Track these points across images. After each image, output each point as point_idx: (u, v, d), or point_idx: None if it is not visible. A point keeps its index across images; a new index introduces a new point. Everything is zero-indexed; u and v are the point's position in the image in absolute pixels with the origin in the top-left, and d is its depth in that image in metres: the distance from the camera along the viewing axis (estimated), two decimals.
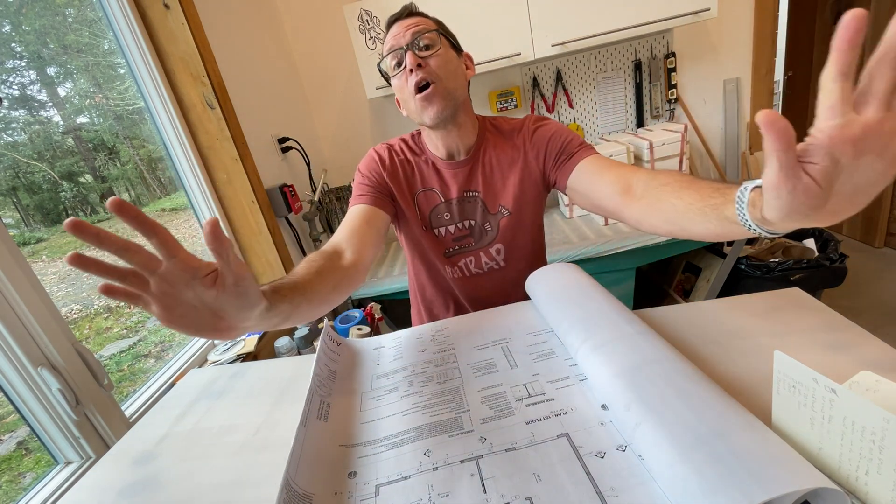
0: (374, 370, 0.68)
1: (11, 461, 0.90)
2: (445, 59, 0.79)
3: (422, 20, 0.80)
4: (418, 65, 0.76)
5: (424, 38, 0.78)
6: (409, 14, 0.81)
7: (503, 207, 0.88)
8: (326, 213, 2.20)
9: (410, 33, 0.78)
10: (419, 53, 0.78)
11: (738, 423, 0.39)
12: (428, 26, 0.80)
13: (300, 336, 1.44)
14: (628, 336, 0.54)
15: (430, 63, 0.78)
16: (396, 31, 0.79)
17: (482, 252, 0.91)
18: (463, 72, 0.84)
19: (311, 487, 0.45)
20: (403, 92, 0.80)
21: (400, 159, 0.90)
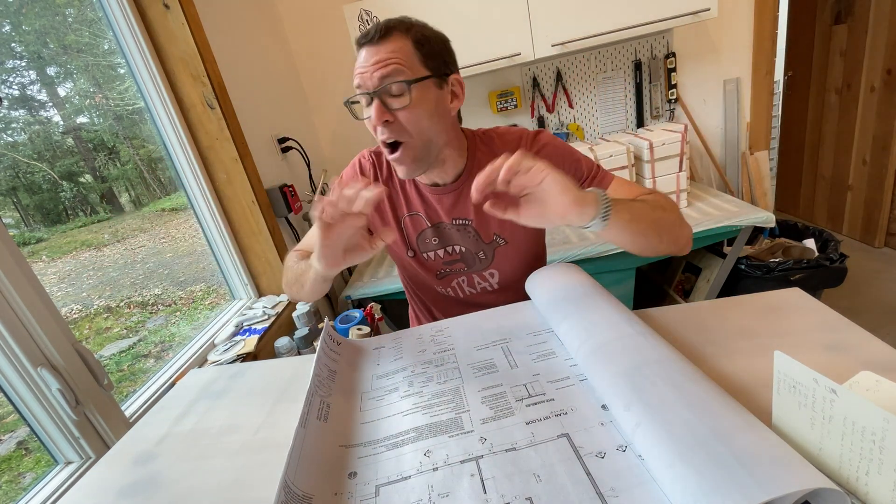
0: (374, 370, 0.68)
1: (11, 461, 0.90)
2: (418, 115, 0.68)
3: (395, 50, 0.66)
4: (386, 121, 0.67)
5: (395, 85, 0.66)
6: (382, 37, 0.67)
7: (498, 237, 0.82)
8: None
9: (378, 77, 0.66)
10: (388, 102, 0.67)
11: (739, 424, 0.39)
12: (400, 64, 0.66)
13: (300, 336, 1.44)
14: (628, 336, 0.54)
15: (400, 118, 0.68)
16: (364, 62, 0.67)
17: (475, 275, 0.87)
18: (445, 111, 0.73)
19: (311, 488, 0.45)
20: (374, 134, 0.72)
21: (384, 174, 0.84)
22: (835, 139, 2.56)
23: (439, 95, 0.71)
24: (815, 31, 2.57)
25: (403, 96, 0.67)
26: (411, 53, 0.67)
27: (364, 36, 0.68)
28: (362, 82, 0.68)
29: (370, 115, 0.68)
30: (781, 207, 3.09)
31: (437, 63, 0.70)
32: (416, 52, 0.67)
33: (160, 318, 1.37)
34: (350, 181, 0.83)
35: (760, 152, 2.23)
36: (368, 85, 0.67)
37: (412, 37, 0.68)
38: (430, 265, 0.87)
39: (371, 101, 0.68)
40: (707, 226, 1.62)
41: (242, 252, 1.63)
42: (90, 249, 1.26)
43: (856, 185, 2.46)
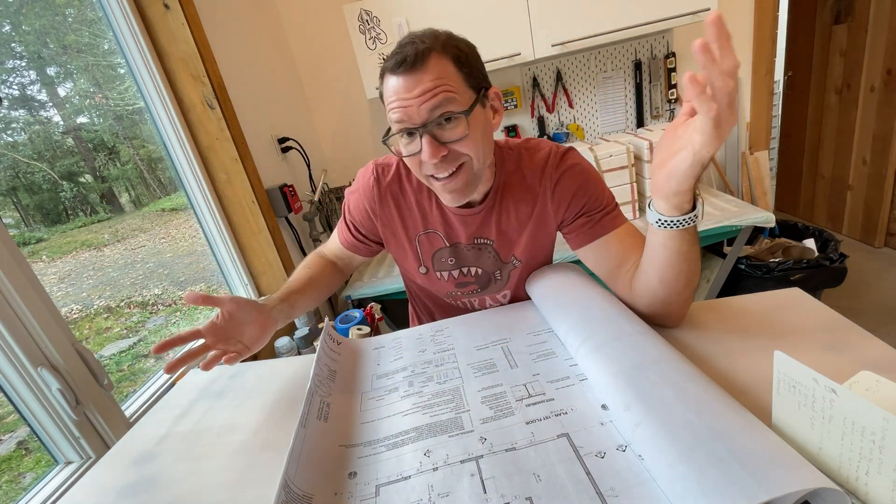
0: (375, 370, 0.68)
1: (11, 461, 0.90)
2: (474, 141, 0.61)
3: (439, 75, 0.58)
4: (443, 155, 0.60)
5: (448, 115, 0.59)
6: (421, 62, 0.57)
7: (515, 258, 0.79)
8: (326, 213, 2.20)
9: (427, 109, 0.58)
10: (440, 136, 0.60)
11: (738, 423, 0.39)
12: (449, 90, 0.58)
13: (300, 336, 1.44)
14: (628, 336, 0.54)
15: (456, 148, 0.61)
16: (405, 94, 0.58)
17: (488, 297, 0.84)
18: (491, 130, 0.67)
19: (311, 488, 0.45)
20: (416, 168, 0.66)
21: (395, 195, 0.77)
22: (835, 139, 2.56)
23: (485, 115, 0.65)
24: (815, 31, 2.56)
25: (458, 126, 0.60)
26: (455, 75, 0.59)
27: (398, 63, 0.58)
28: (406, 117, 0.59)
29: (416, 151, 0.61)
30: (781, 207, 3.09)
31: (478, 80, 0.63)
32: (458, 74, 0.60)
33: (160, 318, 1.37)
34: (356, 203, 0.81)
35: (760, 152, 2.23)
36: (415, 120, 0.59)
37: (451, 55, 0.59)
38: (441, 285, 0.84)
39: (415, 135, 0.61)
40: (707, 226, 1.62)
41: (242, 252, 1.63)
42: (90, 249, 1.26)
43: (856, 185, 2.46)
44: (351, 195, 0.82)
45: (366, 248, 0.86)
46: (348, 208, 0.83)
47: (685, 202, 0.52)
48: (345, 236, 0.85)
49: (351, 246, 0.86)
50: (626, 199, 1.76)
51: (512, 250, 0.79)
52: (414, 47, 0.58)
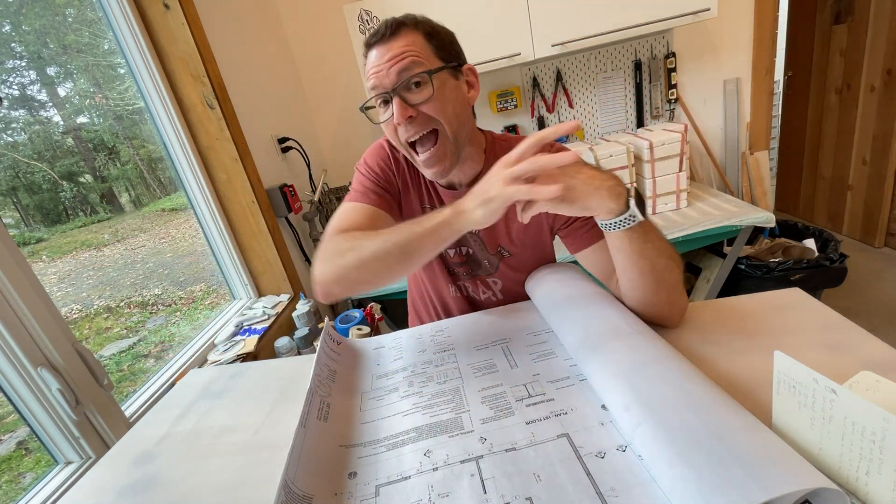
0: (375, 370, 0.68)
1: (11, 461, 0.90)
2: (442, 104, 0.65)
3: (408, 44, 0.64)
4: (409, 117, 0.64)
5: (415, 77, 0.64)
6: (392, 33, 0.65)
7: (503, 248, 0.80)
8: (326, 213, 2.20)
9: (395, 72, 0.63)
10: (409, 99, 0.64)
11: (738, 424, 0.39)
12: (416, 56, 0.64)
13: (300, 336, 1.44)
14: (627, 336, 0.54)
15: (425, 109, 0.65)
16: (377, 61, 0.65)
17: (479, 280, 0.85)
18: (465, 101, 0.70)
19: (311, 488, 0.45)
20: (394, 138, 0.69)
21: (407, 165, 0.79)
22: (835, 139, 2.56)
23: (457, 85, 0.69)
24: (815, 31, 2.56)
25: (424, 88, 0.64)
26: (424, 45, 0.65)
27: (373, 35, 0.66)
28: (378, 82, 0.65)
29: (390, 116, 0.65)
30: (781, 207, 3.09)
31: (449, 54, 0.68)
32: (428, 45, 0.66)
33: (160, 318, 1.37)
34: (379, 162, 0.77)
35: (760, 152, 2.23)
36: (385, 83, 0.64)
37: (422, 30, 0.66)
38: (445, 258, 0.84)
39: (388, 102, 0.66)
40: (707, 226, 1.62)
41: (242, 252, 1.63)
42: (90, 249, 1.26)
43: (856, 185, 2.46)
44: (368, 156, 0.80)
45: (395, 208, 0.78)
46: (368, 165, 0.78)
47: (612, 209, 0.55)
48: (373, 198, 0.75)
49: (383, 203, 0.75)
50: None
51: (498, 240, 0.80)
52: (387, 22, 0.66)
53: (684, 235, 1.62)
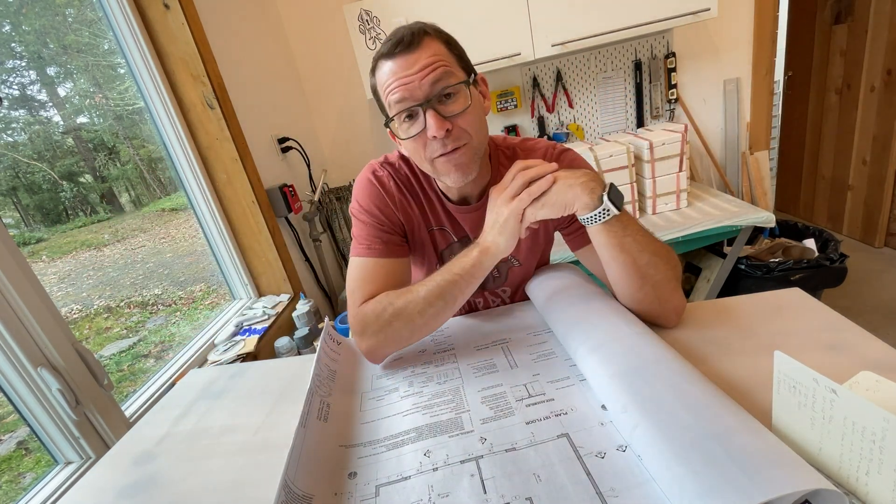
0: (375, 370, 0.68)
1: (11, 461, 0.90)
2: (476, 115, 0.63)
3: (436, 52, 0.60)
4: (447, 130, 0.60)
5: (449, 88, 0.60)
6: (417, 42, 0.60)
7: (512, 258, 0.79)
8: (326, 213, 2.20)
9: (429, 82, 0.59)
10: (444, 111, 0.61)
11: (736, 424, 0.39)
12: (447, 65, 0.60)
13: (300, 336, 1.44)
14: (626, 337, 0.54)
15: (459, 123, 0.62)
16: (404, 72, 0.59)
17: (489, 293, 0.83)
18: (483, 109, 0.68)
19: (311, 488, 0.45)
20: (419, 153, 0.65)
21: (408, 187, 0.75)
22: (835, 139, 2.56)
23: (478, 96, 0.67)
24: (815, 31, 2.56)
25: (459, 99, 0.61)
26: (448, 55, 0.62)
27: (394, 45, 0.60)
28: (408, 94, 0.60)
29: (419, 131, 0.61)
30: (781, 207, 3.09)
31: (467, 64, 0.66)
32: (451, 54, 0.62)
33: (160, 318, 1.37)
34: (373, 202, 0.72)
35: (760, 152, 2.23)
36: (418, 95, 0.60)
37: (442, 39, 0.63)
38: None
39: (413, 116, 0.62)
40: (707, 226, 1.62)
41: (242, 252, 1.63)
42: (90, 249, 1.26)
43: (856, 185, 2.46)
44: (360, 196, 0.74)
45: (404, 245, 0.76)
46: (363, 208, 0.73)
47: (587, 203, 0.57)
48: (380, 248, 0.72)
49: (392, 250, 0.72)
50: (627, 199, 1.76)
51: None
52: (408, 30, 0.60)
53: (684, 235, 1.62)
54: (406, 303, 0.64)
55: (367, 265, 0.71)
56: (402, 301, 0.64)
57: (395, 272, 0.72)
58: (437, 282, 0.64)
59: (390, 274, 0.71)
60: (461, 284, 0.64)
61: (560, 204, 0.58)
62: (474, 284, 0.65)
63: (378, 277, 0.70)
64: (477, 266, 0.63)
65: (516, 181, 0.59)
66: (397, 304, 0.64)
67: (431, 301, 0.63)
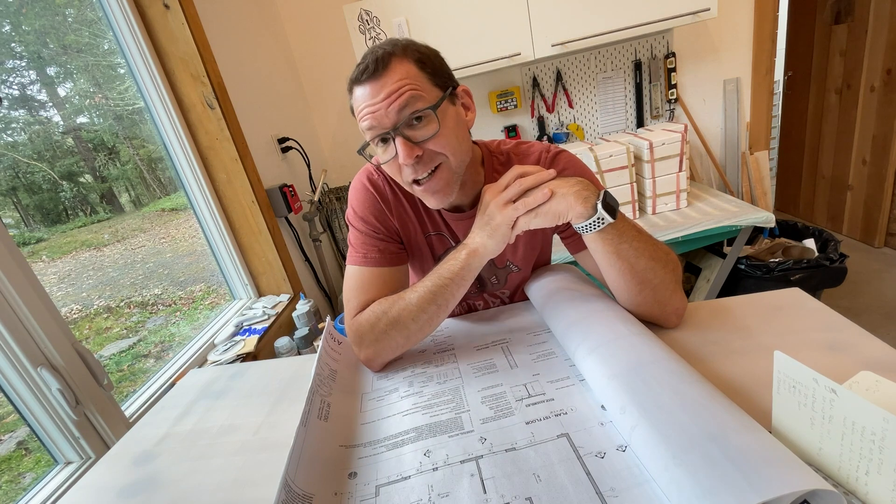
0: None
1: (11, 461, 0.90)
2: (447, 138, 0.62)
3: (402, 77, 0.59)
4: (417, 156, 0.60)
5: (416, 113, 0.59)
6: (383, 67, 0.59)
7: (511, 263, 0.79)
8: (326, 213, 2.20)
9: (395, 111, 0.58)
10: (413, 136, 0.60)
11: (733, 425, 0.39)
12: (414, 89, 0.59)
13: (300, 336, 1.44)
14: (624, 337, 0.54)
15: (430, 145, 0.61)
16: (370, 100, 0.59)
17: (488, 295, 0.83)
18: (465, 127, 0.66)
19: (311, 488, 0.45)
20: (396, 175, 0.65)
21: (404, 191, 0.73)
22: (835, 139, 2.56)
23: (456, 112, 0.65)
24: (815, 31, 2.56)
25: (429, 124, 0.60)
26: (418, 75, 0.60)
27: (360, 72, 0.60)
28: (376, 122, 0.59)
29: (393, 156, 0.61)
30: (781, 207, 3.09)
31: (442, 79, 0.63)
32: (421, 73, 0.61)
33: (160, 318, 1.37)
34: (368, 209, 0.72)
35: (760, 152, 2.23)
36: (385, 123, 0.59)
37: (412, 58, 0.61)
38: None
39: (388, 140, 0.61)
40: (707, 226, 1.62)
41: (242, 252, 1.63)
42: (90, 249, 1.26)
43: (856, 185, 2.46)
44: (356, 204, 0.74)
45: (401, 252, 0.76)
46: (359, 216, 0.73)
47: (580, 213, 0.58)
48: (375, 257, 0.72)
49: (388, 258, 0.72)
50: (627, 199, 1.77)
51: (505, 256, 0.78)
52: (374, 55, 0.59)
53: (684, 235, 1.62)
54: (399, 311, 0.64)
55: (363, 274, 0.71)
56: (395, 310, 0.65)
57: (391, 280, 0.72)
58: (428, 287, 0.64)
59: (386, 283, 0.71)
60: (451, 287, 0.64)
61: (553, 214, 0.58)
62: (464, 286, 0.65)
63: (374, 287, 0.70)
64: (466, 268, 0.63)
65: (513, 188, 0.59)
66: (391, 314, 0.65)
67: (424, 307, 0.64)
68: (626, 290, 0.62)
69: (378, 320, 0.65)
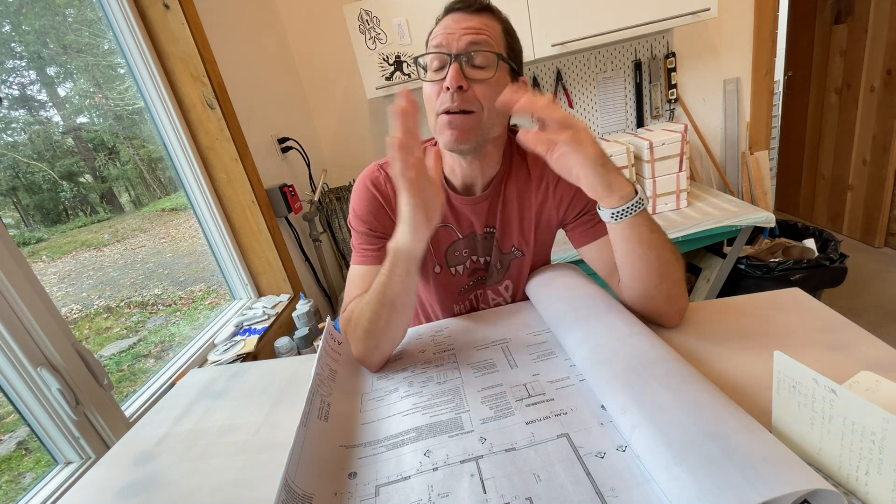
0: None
1: (11, 461, 0.90)
2: (495, 91, 0.62)
3: (488, 25, 0.64)
4: (459, 87, 0.62)
5: (481, 55, 0.63)
6: (478, 9, 0.65)
7: (516, 248, 0.79)
8: (326, 213, 2.20)
9: (467, 41, 0.62)
10: (467, 72, 0.63)
11: (733, 424, 0.39)
12: (490, 38, 0.64)
13: (300, 336, 1.44)
14: (624, 337, 0.54)
15: (476, 89, 0.63)
16: (452, 26, 0.63)
17: (490, 289, 0.83)
18: None
19: (311, 488, 0.45)
20: (431, 101, 0.67)
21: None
22: (835, 139, 2.56)
23: (507, 80, 0.67)
24: (815, 31, 2.56)
25: (487, 69, 0.63)
26: (500, 35, 0.66)
27: (463, 2, 0.65)
28: (445, 42, 0.63)
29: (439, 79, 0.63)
30: (781, 207, 3.09)
31: (516, 58, 0.69)
32: (503, 37, 0.66)
33: (160, 318, 1.37)
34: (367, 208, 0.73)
35: (760, 152, 2.23)
36: (453, 46, 0.62)
37: (503, 24, 0.67)
38: (456, 281, 0.81)
39: (446, 65, 0.63)
40: (707, 226, 1.62)
41: (242, 252, 1.63)
42: (90, 249, 1.26)
43: (856, 185, 2.46)
44: (356, 203, 0.75)
45: None
46: (359, 217, 0.74)
47: (624, 193, 0.56)
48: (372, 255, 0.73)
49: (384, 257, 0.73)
50: None
51: (511, 241, 0.79)
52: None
53: (684, 235, 1.62)
54: (360, 310, 0.64)
55: (359, 273, 0.73)
56: (358, 309, 0.65)
57: None
58: (375, 288, 0.63)
59: None
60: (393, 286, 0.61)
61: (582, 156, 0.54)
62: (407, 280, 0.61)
63: (367, 285, 0.69)
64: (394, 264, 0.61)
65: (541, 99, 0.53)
66: (355, 312, 0.65)
67: (375, 308, 0.62)
68: (646, 281, 0.61)
69: (350, 318, 0.66)
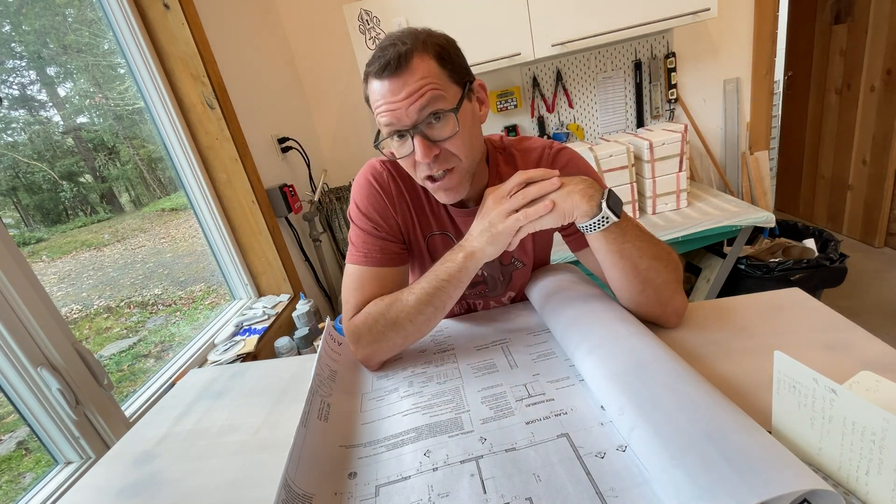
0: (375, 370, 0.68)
1: (11, 461, 0.90)
2: (464, 138, 0.61)
3: (423, 75, 0.57)
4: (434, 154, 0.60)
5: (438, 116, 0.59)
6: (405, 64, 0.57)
7: (516, 259, 0.79)
8: (326, 213, 2.21)
9: (415, 110, 0.58)
10: (432, 136, 0.60)
11: (731, 425, 0.38)
12: (434, 88, 0.58)
13: (300, 336, 1.44)
14: (623, 338, 0.54)
15: (448, 146, 0.61)
16: (391, 97, 0.58)
17: (492, 300, 0.83)
18: (479, 123, 0.67)
19: (311, 488, 0.45)
20: (409, 169, 0.66)
21: (408, 187, 0.73)
22: (835, 139, 2.56)
23: (472, 109, 0.64)
24: (815, 31, 2.56)
25: (448, 124, 0.60)
26: (439, 73, 0.59)
27: (382, 67, 0.58)
28: (395, 119, 0.59)
29: (409, 152, 0.61)
30: (781, 207, 3.09)
31: (461, 75, 0.63)
32: (442, 71, 0.60)
33: (160, 318, 1.37)
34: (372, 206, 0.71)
35: (760, 152, 2.23)
36: (405, 122, 0.59)
37: (433, 53, 0.59)
38: None
39: (407, 136, 0.60)
40: (707, 226, 1.62)
41: (242, 252, 1.63)
42: (90, 249, 1.26)
43: (856, 185, 2.46)
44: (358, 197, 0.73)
45: (402, 253, 0.75)
46: (362, 212, 0.72)
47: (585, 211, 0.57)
48: (377, 257, 0.71)
49: (389, 258, 0.71)
50: (627, 199, 1.76)
51: (510, 252, 0.77)
52: (395, 49, 0.57)
53: (684, 235, 1.62)
54: (397, 313, 0.64)
55: (363, 274, 0.70)
56: (393, 312, 0.64)
57: (390, 281, 0.71)
58: (425, 288, 0.64)
59: (385, 283, 0.70)
60: (448, 290, 0.63)
61: (558, 214, 0.58)
62: (461, 288, 0.64)
63: (373, 287, 0.69)
64: (462, 271, 0.63)
65: (517, 197, 0.59)
66: (389, 316, 0.64)
67: (421, 308, 0.64)
68: (629, 289, 0.62)
69: (375, 322, 0.65)
